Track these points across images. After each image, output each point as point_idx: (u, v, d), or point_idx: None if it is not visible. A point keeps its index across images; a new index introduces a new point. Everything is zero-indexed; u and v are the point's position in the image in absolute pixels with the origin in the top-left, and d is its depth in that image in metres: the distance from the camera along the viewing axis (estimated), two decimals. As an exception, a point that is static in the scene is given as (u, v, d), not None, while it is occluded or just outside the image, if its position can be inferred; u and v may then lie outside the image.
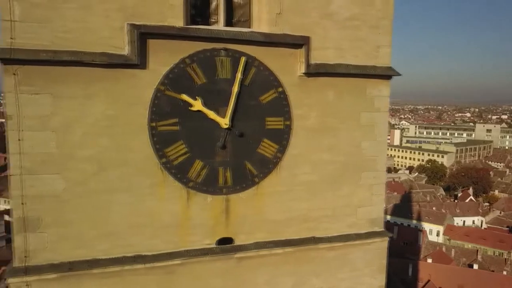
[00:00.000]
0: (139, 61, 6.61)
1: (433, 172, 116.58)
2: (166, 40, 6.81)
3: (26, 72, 6.15)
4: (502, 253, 66.22)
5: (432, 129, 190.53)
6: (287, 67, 7.58)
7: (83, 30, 6.37)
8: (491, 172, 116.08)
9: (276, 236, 7.86)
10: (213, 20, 7.54)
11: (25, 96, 6.17)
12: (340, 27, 7.82)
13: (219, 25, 7.47)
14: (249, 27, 7.62)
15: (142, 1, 6.62)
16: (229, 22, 7.60)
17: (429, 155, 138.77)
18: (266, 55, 7.41)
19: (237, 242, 7.65)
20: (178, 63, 6.90)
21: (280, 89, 7.55)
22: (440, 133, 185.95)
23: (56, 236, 6.57)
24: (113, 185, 6.77)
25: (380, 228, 8.70)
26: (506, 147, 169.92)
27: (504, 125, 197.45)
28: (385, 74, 8.21)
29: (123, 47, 6.57)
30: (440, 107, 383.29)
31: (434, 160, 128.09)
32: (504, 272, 55.00)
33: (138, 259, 6.98)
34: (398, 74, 8.28)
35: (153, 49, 6.78)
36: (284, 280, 7.97)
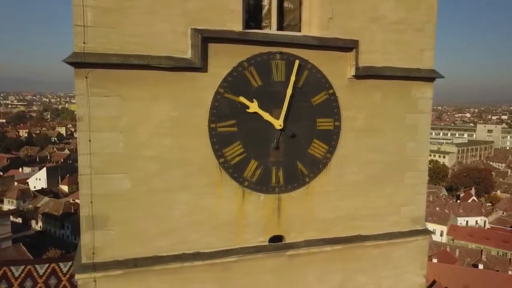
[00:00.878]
0: (201, 65, 6.83)
1: (435, 172, 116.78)
2: (226, 44, 7.02)
3: (97, 75, 6.36)
4: (506, 253, 66.58)
5: (433, 129, 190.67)
6: (337, 70, 7.80)
7: (149, 35, 6.58)
8: (493, 173, 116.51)
9: (325, 234, 8.08)
10: (265, 24, 7.75)
11: (95, 98, 6.38)
12: (387, 31, 8.04)
13: (272, 29, 7.69)
14: (299, 31, 7.84)
15: (204, 7, 6.83)
16: (279, 26, 7.83)
17: (430, 155, 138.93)
18: (317, 58, 7.62)
19: (288, 240, 7.87)
20: (236, 66, 7.12)
21: (331, 91, 7.77)
22: (441, 134, 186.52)
23: (121, 233, 6.78)
24: (174, 184, 6.99)
25: (422, 226, 8.93)
26: (507, 148, 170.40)
27: (504, 125, 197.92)
28: (429, 76, 8.43)
29: (186, 51, 6.78)
30: (440, 107, 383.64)
31: (436, 161, 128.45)
32: (509, 272, 55.31)
33: (198, 256, 7.20)
34: (441, 77, 8.51)
35: (214, 53, 6.99)
36: (333, 277, 8.19)
